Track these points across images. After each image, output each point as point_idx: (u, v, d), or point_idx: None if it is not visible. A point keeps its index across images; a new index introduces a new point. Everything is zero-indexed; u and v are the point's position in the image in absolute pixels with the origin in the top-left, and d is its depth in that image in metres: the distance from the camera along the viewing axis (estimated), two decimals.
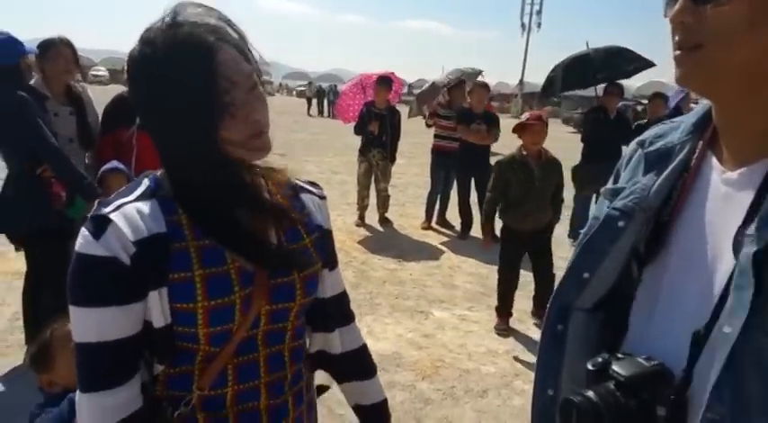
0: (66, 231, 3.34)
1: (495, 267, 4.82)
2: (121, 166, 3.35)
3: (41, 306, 3.47)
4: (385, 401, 1.47)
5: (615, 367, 0.93)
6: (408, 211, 8.30)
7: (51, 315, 3.45)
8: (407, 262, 6.08)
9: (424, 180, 8.35)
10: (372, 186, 7.45)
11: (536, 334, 4.55)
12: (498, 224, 4.79)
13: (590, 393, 0.91)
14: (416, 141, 11.20)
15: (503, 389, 3.69)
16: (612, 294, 1.08)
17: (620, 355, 0.96)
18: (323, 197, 1.35)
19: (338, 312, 1.39)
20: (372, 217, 7.58)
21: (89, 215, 1.06)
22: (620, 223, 1.01)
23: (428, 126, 7.87)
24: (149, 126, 1.10)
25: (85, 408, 1.06)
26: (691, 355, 0.87)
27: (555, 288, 1.13)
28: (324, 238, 1.31)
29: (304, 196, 1.30)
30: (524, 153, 4.49)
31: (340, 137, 15.22)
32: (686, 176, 0.97)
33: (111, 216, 1.03)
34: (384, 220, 7.57)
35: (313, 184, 1.37)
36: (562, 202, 4.75)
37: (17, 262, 4.80)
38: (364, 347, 1.45)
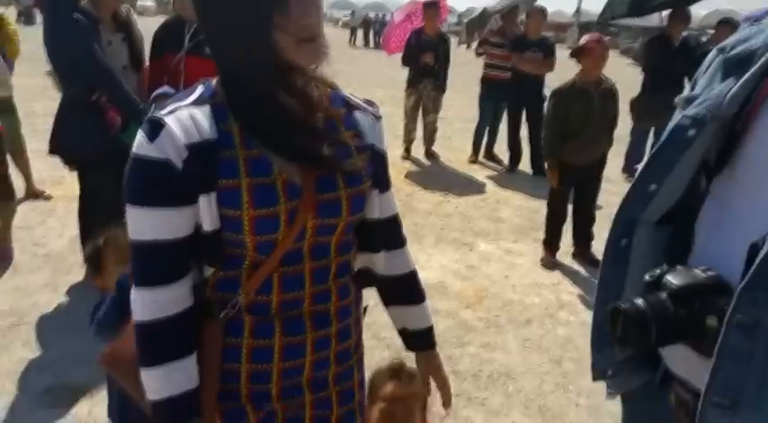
0: (121, 156, 3.42)
1: (544, 202, 4.75)
2: (172, 90, 3.38)
3: (97, 227, 3.60)
4: (431, 328, 1.48)
5: (669, 277, 0.92)
6: (455, 144, 8.19)
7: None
8: (453, 195, 6.05)
9: (471, 113, 8.19)
10: (419, 119, 7.35)
11: (582, 268, 4.51)
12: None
13: (639, 301, 0.91)
14: (464, 72, 10.93)
15: (546, 319, 3.70)
16: (679, 208, 1.04)
17: (678, 267, 0.94)
18: (378, 117, 1.32)
19: (386, 235, 1.38)
20: (418, 150, 7.52)
21: (145, 118, 1.08)
22: (691, 132, 0.97)
23: (478, 55, 7.63)
24: (206, 27, 1.11)
25: (139, 302, 1.12)
26: (746, 267, 0.84)
27: (618, 207, 1.10)
28: (375, 159, 1.28)
29: (357, 113, 1.28)
30: (583, 80, 4.32)
31: (384, 68, 14.95)
32: (765, 83, 0.91)
33: (166, 119, 1.06)
34: (430, 154, 7.50)
35: (369, 102, 1.33)
36: (614, 129, 4.58)
37: (75, 187, 4.98)
38: (413, 274, 1.45)
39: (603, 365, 1.18)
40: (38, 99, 7.78)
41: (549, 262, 4.51)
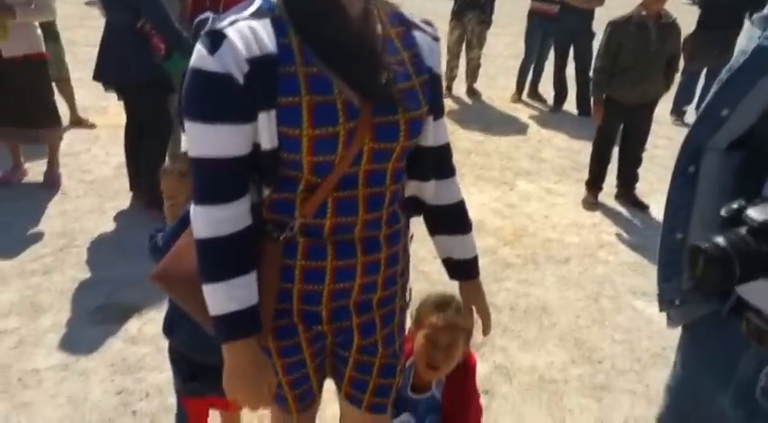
0: (165, 84, 3.45)
1: (588, 143, 4.64)
2: (213, 16, 3.35)
3: (143, 155, 3.67)
4: (476, 258, 1.48)
5: (750, 212, 0.89)
6: (497, 82, 7.99)
7: (151, 163, 3.68)
8: (494, 134, 5.95)
9: (515, 51, 7.95)
10: (462, 55, 7.16)
11: (624, 209, 4.44)
12: None
13: (719, 239, 0.88)
14: (509, 7, 10.56)
15: (586, 258, 3.68)
16: (750, 135, 1.01)
17: (757, 201, 0.91)
18: (437, 38, 1.28)
19: (438, 164, 1.37)
20: (460, 88, 7.37)
21: (204, 30, 1.05)
22: None
23: None
24: None
25: (199, 218, 1.13)
26: None
27: (687, 133, 1.06)
28: (432, 83, 1.26)
29: (417, 34, 1.24)
30: (643, 13, 4.11)
31: (427, 2, 14.61)
32: None
33: (227, 31, 1.03)
34: (472, 91, 7.34)
35: (427, 22, 1.29)
36: (676, 73, 4.39)
37: (119, 116, 5.06)
38: (461, 204, 1.44)
39: (671, 296, 1.17)
40: (77, 28, 7.82)
41: (591, 203, 4.44)
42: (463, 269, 1.48)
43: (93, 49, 3.54)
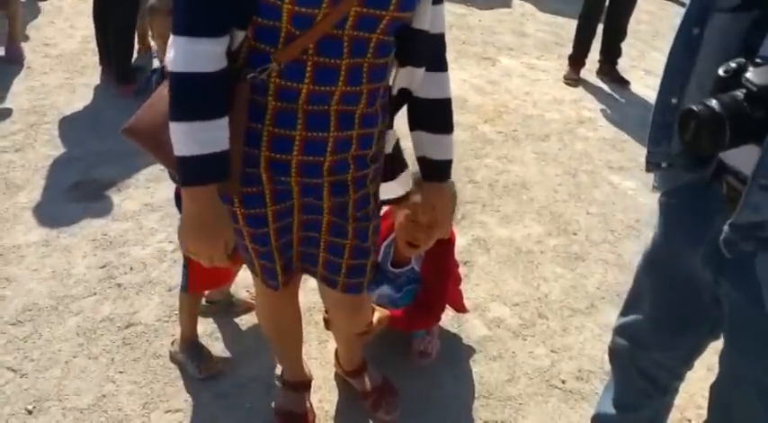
0: None
1: (571, 19, 4.52)
2: None
3: (111, 27, 3.49)
4: (450, 162, 1.46)
5: (749, 75, 0.86)
6: None
7: (122, 36, 3.49)
8: (476, 7, 5.72)
9: None
10: None
11: (606, 85, 4.40)
12: None
13: (713, 102, 0.86)
14: None
15: (565, 135, 3.69)
16: None
17: (758, 61, 0.88)
18: None
19: (430, 53, 1.32)
20: None
21: None
22: None
23: None
24: None
25: (177, 50, 1.09)
26: None
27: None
28: None
29: None
30: None
31: None
32: None
33: None
34: None
35: None
36: None
37: None
38: (447, 102, 1.40)
39: (659, 158, 1.17)
40: None
41: (573, 79, 4.38)
42: (436, 170, 1.46)
43: None
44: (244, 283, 2.29)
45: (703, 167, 1.13)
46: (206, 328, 2.16)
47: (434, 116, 1.41)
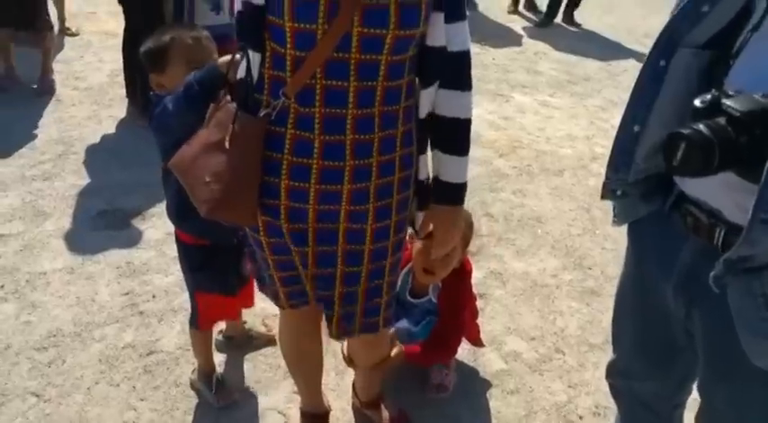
0: None
1: (582, 56, 4.59)
2: None
3: (139, 63, 3.59)
4: (460, 186, 1.39)
5: (729, 103, 0.90)
6: None
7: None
8: (491, 47, 5.84)
9: None
10: None
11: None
12: None
13: (701, 126, 0.89)
14: None
15: (579, 170, 3.74)
16: (724, 32, 1.02)
17: (731, 93, 0.92)
18: None
19: (447, 70, 1.30)
20: None
21: None
22: None
23: None
24: None
25: None
26: None
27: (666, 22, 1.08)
28: None
29: None
30: None
31: None
32: None
33: None
34: (469, 2, 7.14)
35: None
36: None
37: (109, 22, 4.93)
38: (464, 122, 1.34)
39: (615, 185, 1.20)
40: None
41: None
42: (444, 192, 1.39)
43: None
44: (263, 313, 2.33)
45: (660, 198, 1.17)
46: (224, 359, 2.19)
47: (447, 135, 1.36)
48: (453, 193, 1.40)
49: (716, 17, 1.01)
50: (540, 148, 3.96)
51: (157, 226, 2.84)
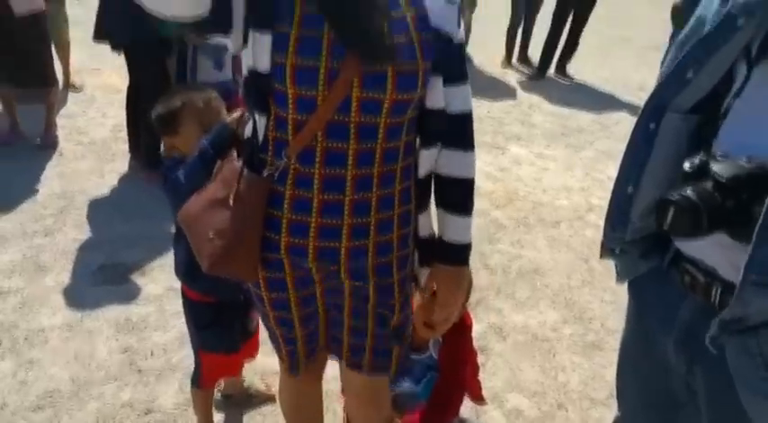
0: (163, 47, 3.41)
1: (576, 109, 4.68)
2: None
3: (142, 118, 3.66)
4: (464, 247, 1.40)
5: (715, 168, 0.92)
6: (489, 47, 7.96)
7: (150, 125, 3.65)
8: (486, 100, 5.96)
9: (508, 14, 7.89)
10: None
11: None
12: None
13: (688, 191, 0.92)
14: None
15: (576, 221, 3.77)
16: (710, 97, 1.05)
17: (718, 158, 0.95)
18: (451, 1, 1.24)
19: (448, 131, 1.31)
20: None
21: None
22: (740, 22, 0.96)
23: None
24: None
25: None
26: None
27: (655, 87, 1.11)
28: (441, 43, 1.22)
29: None
30: None
31: None
32: None
33: None
34: None
35: None
36: None
37: (112, 77, 5.03)
38: (467, 182, 1.36)
39: (613, 243, 1.21)
40: None
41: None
42: (450, 253, 1.39)
43: (78, 9, 3.46)
44: (263, 370, 2.31)
45: (659, 256, 1.18)
46: (223, 418, 2.17)
47: (450, 194, 1.37)
48: (457, 254, 1.40)
49: (700, 84, 1.03)
50: (536, 200, 4.01)
51: (158, 280, 2.85)
